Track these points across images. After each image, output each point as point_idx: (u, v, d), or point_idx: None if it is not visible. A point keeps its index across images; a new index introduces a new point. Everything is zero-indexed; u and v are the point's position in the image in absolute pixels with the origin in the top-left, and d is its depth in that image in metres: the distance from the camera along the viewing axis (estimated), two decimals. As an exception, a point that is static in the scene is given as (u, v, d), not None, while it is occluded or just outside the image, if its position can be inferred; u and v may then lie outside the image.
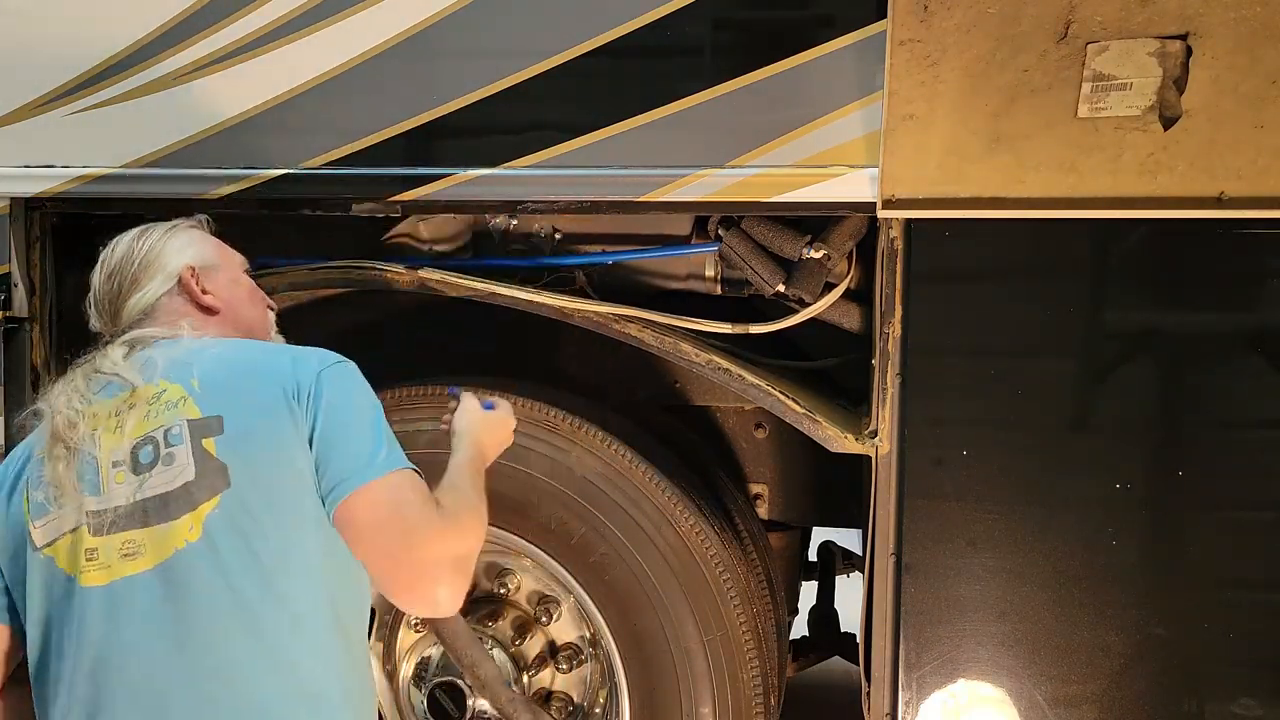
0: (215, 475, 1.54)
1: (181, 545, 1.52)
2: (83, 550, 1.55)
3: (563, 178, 2.02)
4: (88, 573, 1.55)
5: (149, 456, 1.56)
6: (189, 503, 1.53)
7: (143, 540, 1.54)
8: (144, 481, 1.55)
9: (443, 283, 2.20)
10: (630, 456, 2.22)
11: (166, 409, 1.58)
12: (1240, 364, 1.87)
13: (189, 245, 1.82)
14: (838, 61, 1.90)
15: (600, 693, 2.42)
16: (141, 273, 1.76)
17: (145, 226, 1.83)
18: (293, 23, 2.07)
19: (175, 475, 1.54)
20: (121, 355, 1.66)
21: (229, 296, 1.81)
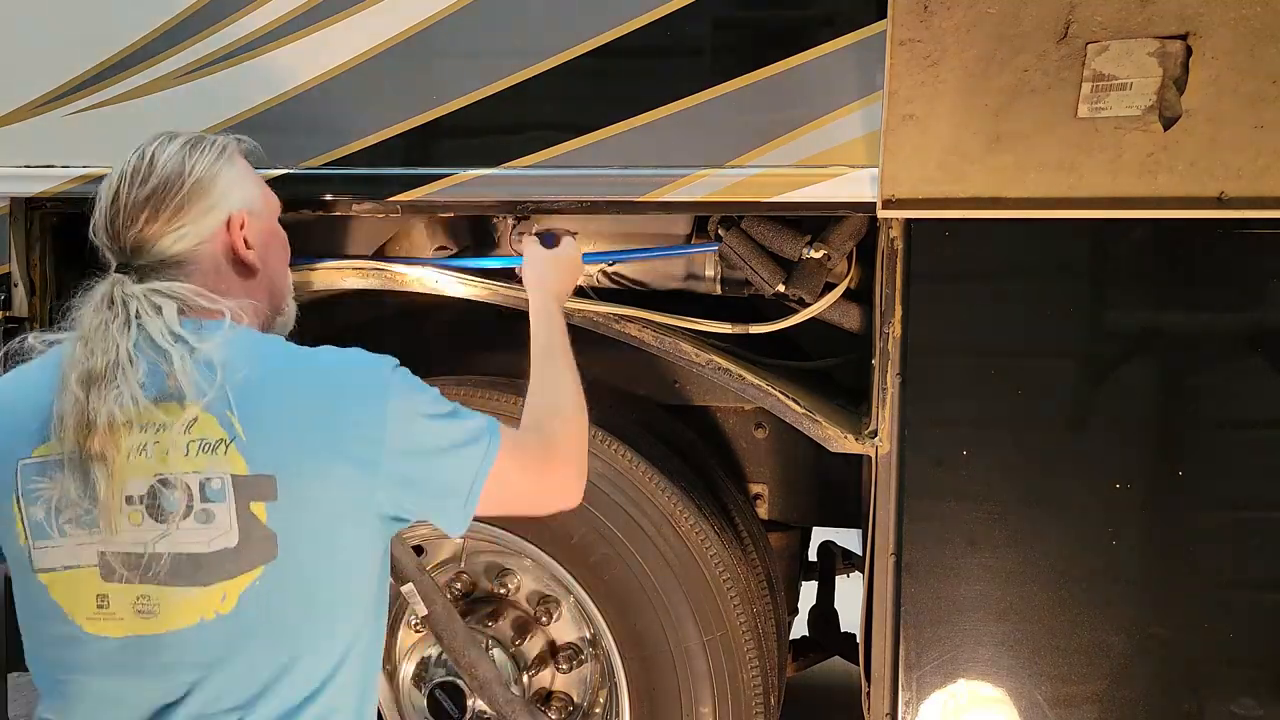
0: (263, 545, 1.36)
1: (210, 616, 1.36)
2: (91, 593, 1.38)
3: (563, 178, 2.02)
4: (96, 620, 1.39)
5: (175, 504, 1.35)
6: (226, 571, 1.35)
7: (160, 599, 1.36)
8: (168, 533, 1.35)
9: (443, 283, 2.20)
10: (630, 456, 2.22)
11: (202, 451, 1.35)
12: (1240, 364, 1.87)
13: (240, 182, 1.56)
14: (838, 61, 1.90)
15: (600, 693, 2.42)
16: (190, 200, 1.48)
17: (191, 137, 1.55)
18: (293, 23, 2.07)
19: (213, 537, 1.35)
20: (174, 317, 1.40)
21: (266, 252, 1.58)
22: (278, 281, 1.64)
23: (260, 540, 1.36)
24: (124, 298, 1.43)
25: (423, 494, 1.46)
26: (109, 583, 1.38)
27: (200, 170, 1.51)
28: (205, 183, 1.51)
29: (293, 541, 1.37)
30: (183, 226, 1.48)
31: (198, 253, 1.50)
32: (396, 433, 1.41)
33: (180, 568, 1.36)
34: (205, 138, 1.57)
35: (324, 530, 1.40)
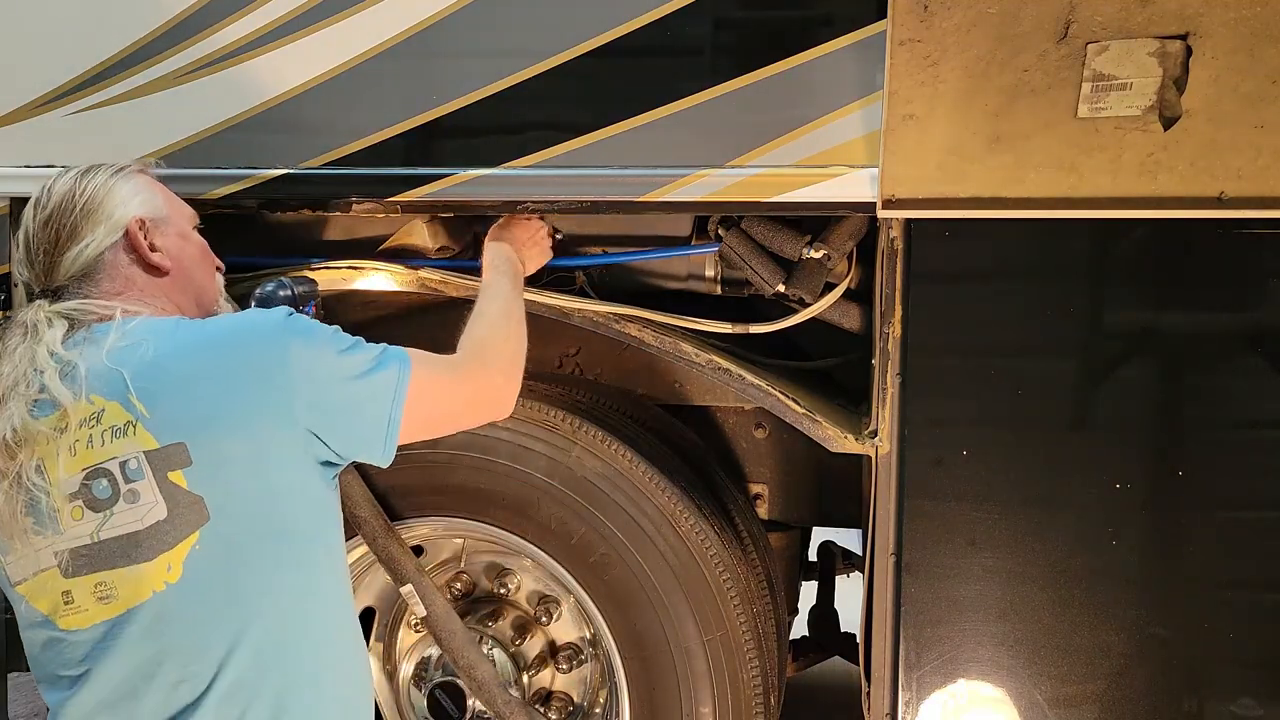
0: (191, 510, 1.43)
1: (161, 588, 1.43)
2: (57, 591, 1.46)
3: (563, 178, 2.02)
4: (67, 616, 1.47)
5: (106, 491, 1.43)
6: (164, 543, 1.43)
7: (115, 582, 1.44)
8: (107, 519, 1.43)
9: (443, 282, 2.20)
10: (630, 456, 2.22)
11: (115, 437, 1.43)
12: (1240, 364, 1.87)
13: (137, 193, 1.65)
14: (838, 61, 1.90)
15: (600, 693, 2.42)
16: (83, 221, 1.57)
17: (88, 166, 1.65)
18: (293, 23, 2.07)
19: (143, 513, 1.43)
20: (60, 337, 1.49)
21: (179, 255, 1.66)
22: (199, 282, 1.71)
23: (188, 506, 1.43)
24: (34, 321, 1.52)
25: (343, 430, 1.53)
26: (68, 578, 1.45)
27: (92, 189, 1.60)
28: (97, 199, 1.60)
29: (220, 501, 1.44)
30: (84, 240, 1.57)
31: (103, 261, 1.58)
32: (302, 375, 1.48)
33: (124, 548, 1.44)
34: (102, 164, 1.66)
35: (250, 485, 1.46)
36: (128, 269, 1.60)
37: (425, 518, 2.30)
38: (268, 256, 2.29)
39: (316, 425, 1.50)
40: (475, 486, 2.23)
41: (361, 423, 1.54)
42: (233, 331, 1.52)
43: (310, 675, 1.52)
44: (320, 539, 1.57)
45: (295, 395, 1.47)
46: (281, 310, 1.55)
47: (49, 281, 1.58)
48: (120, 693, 1.47)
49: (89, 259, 1.57)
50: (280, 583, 1.50)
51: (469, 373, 1.69)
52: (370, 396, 1.53)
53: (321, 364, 1.51)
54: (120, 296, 1.57)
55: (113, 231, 1.59)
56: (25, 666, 2.37)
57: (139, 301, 1.58)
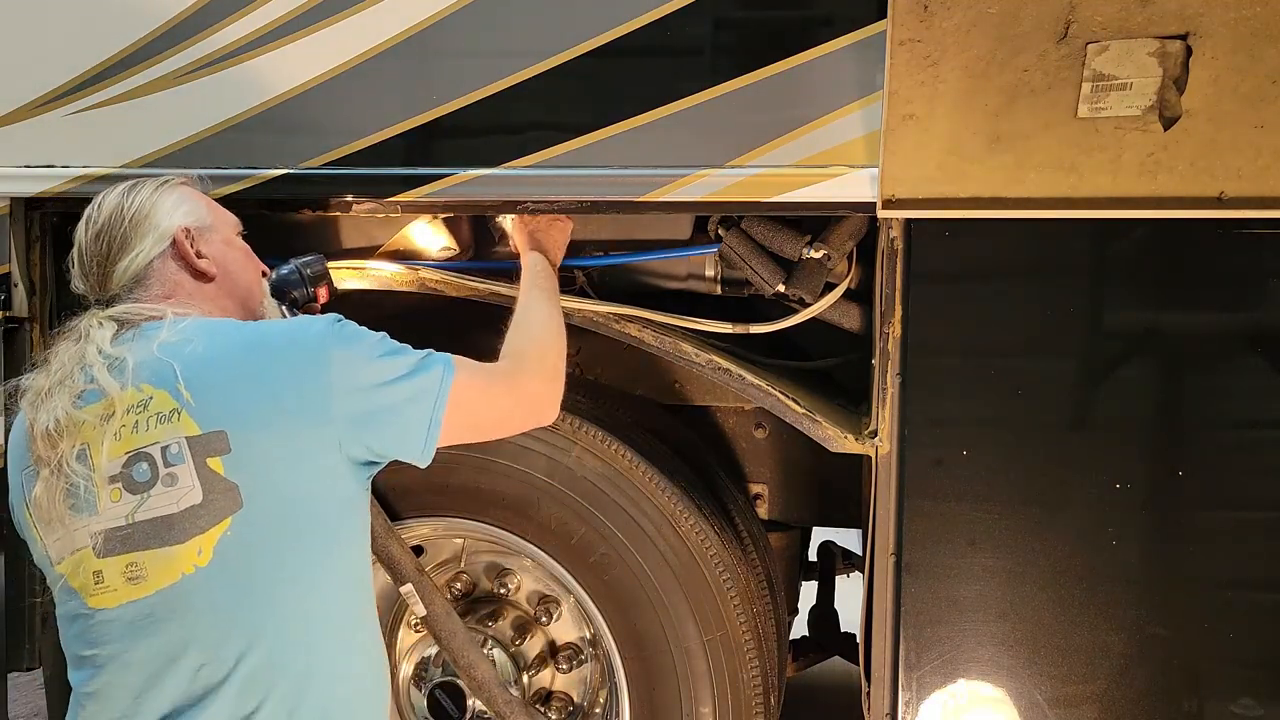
0: (226, 497, 1.49)
1: (190, 570, 1.49)
2: (90, 571, 1.52)
3: (563, 178, 2.02)
4: (97, 595, 1.52)
5: (145, 474, 1.50)
6: (197, 526, 1.48)
7: (145, 563, 1.49)
8: (143, 501, 1.49)
9: (443, 283, 2.20)
10: (630, 456, 2.22)
11: (158, 422, 1.50)
12: (1240, 364, 1.87)
13: (182, 203, 1.73)
14: (838, 61, 1.90)
15: (600, 693, 2.42)
16: (132, 232, 1.67)
17: (133, 181, 1.74)
18: (293, 23, 2.07)
19: (180, 497, 1.48)
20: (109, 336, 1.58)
21: (224, 260, 1.74)
22: (244, 286, 1.78)
23: (223, 493, 1.49)
24: (86, 327, 1.60)
25: (382, 431, 1.58)
26: (101, 559, 1.51)
27: (139, 203, 1.69)
28: (144, 212, 1.69)
29: (254, 490, 1.49)
30: (133, 250, 1.66)
31: (152, 268, 1.67)
32: (343, 377, 1.54)
33: (158, 530, 1.49)
34: (150, 178, 1.75)
35: (284, 477, 1.52)
36: (176, 275, 1.68)
37: (425, 518, 2.30)
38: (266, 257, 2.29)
39: (354, 426, 1.55)
40: (475, 486, 2.23)
41: (401, 424, 1.59)
42: (280, 334, 1.59)
43: (330, 666, 1.56)
44: (348, 535, 1.62)
45: (333, 397, 1.53)
46: (330, 317, 1.62)
47: (103, 291, 1.67)
48: (143, 674, 1.51)
49: (139, 267, 1.66)
50: (307, 574, 1.54)
51: (512, 380, 1.74)
52: (411, 399, 1.59)
53: (362, 368, 1.57)
54: (169, 300, 1.65)
55: (160, 241, 1.68)
56: (25, 666, 2.38)
57: (187, 304, 1.66)
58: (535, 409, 1.77)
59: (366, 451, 1.59)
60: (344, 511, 1.60)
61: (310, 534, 1.54)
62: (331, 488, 1.57)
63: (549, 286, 1.98)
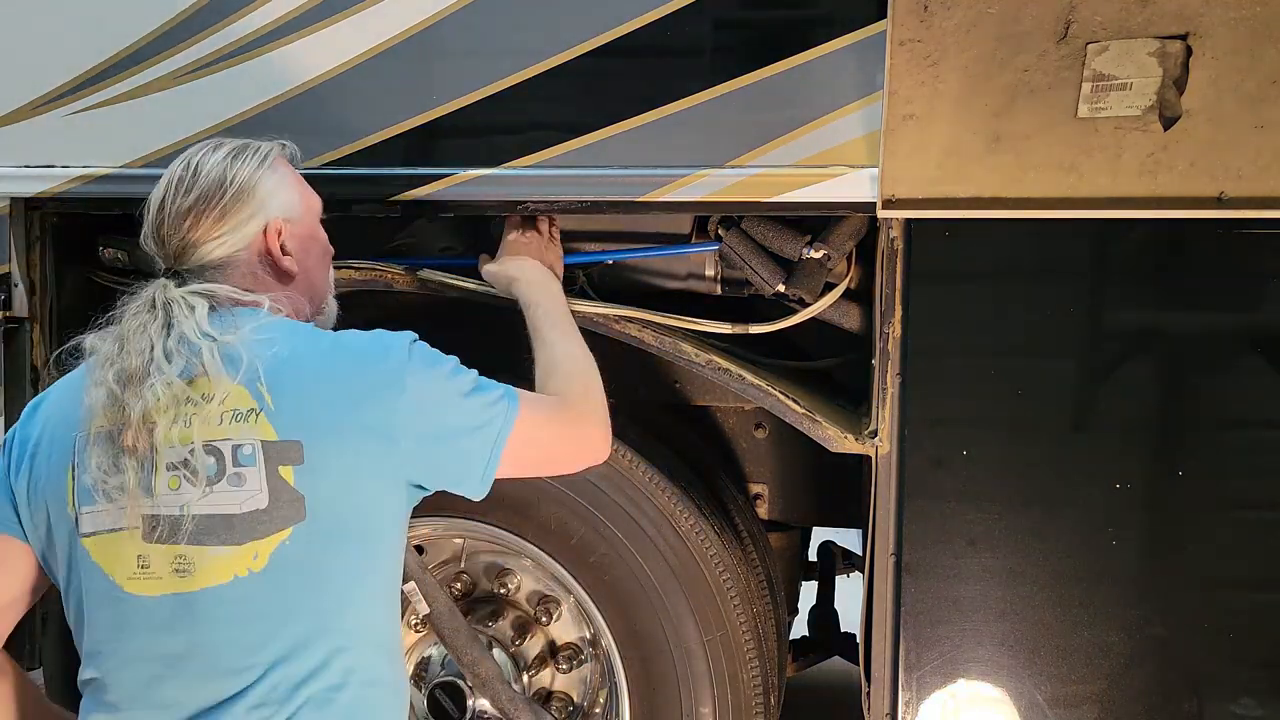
0: (291, 506, 1.46)
1: (243, 573, 1.46)
2: (132, 554, 1.48)
3: (563, 178, 2.02)
4: (137, 580, 1.48)
5: (213, 470, 1.46)
6: (257, 531, 1.45)
7: (196, 558, 1.46)
8: (205, 495, 1.45)
9: (442, 283, 2.20)
10: (630, 456, 2.22)
11: (235, 420, 1.46)
12: (1240, 364, 1.87)
13: (280, 189, 1.66)
14: (838, 61, 1.90)
15: (600, 693, 2.42)
16: (233, 207, 1.58)
17: (232, 147, 1.64)
18: (293, 23, 2.07)
19: (245, 499, 1.45)
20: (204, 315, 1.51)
21: (305, 257, 1.68)
22: (317, 283, 1.74)
23: (290, 502, 1.46)
24: (165, 301, 1.54)
25: (442, 463, 1.57)
26: (149, 543, 1.47)
27: (241, 179, 1.60)
28: (245, 191, 1.60)
29: (319, 503, 1.47)
30: (223, 234, 1.59)
31: (236, 258, 1.60)
32: (413, 405, 1.52)
33: (215, 528, 1.46)
34: (249, 145, 1.66)
35: (349, 494, 1.50)
36: (256, 267, 1.62)
37: (425, 517, 2.29)
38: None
39: (417, 454, 1.54)
40: (475, 486, 2.23)
41: (460, 459, 1.58)
42: (360, 349, 1.56)
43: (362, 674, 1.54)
44: (388, 550, 1.61)
45: (402, 421, 1.52)
46: (407, 336, 1.59)
47: (178, 263, 1.59)
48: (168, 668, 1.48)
49: (226, 252, 1.59)
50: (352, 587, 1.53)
51: (572, 421, 1.71)
52: (474, 431, 1.57)
53: (434, 397, 1.55)
54: (249, 291, 1.60)
55: (254, 229, 1.61)
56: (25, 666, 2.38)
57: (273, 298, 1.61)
58: (592, 451, 1.75)
59: (424, 478, 1.58)
60: (391, 529, 1.59)
61: (360, 549, 1.53)
62: (385, 506, 1.56)
63: (561, 311, 1.93)
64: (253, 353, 1.48)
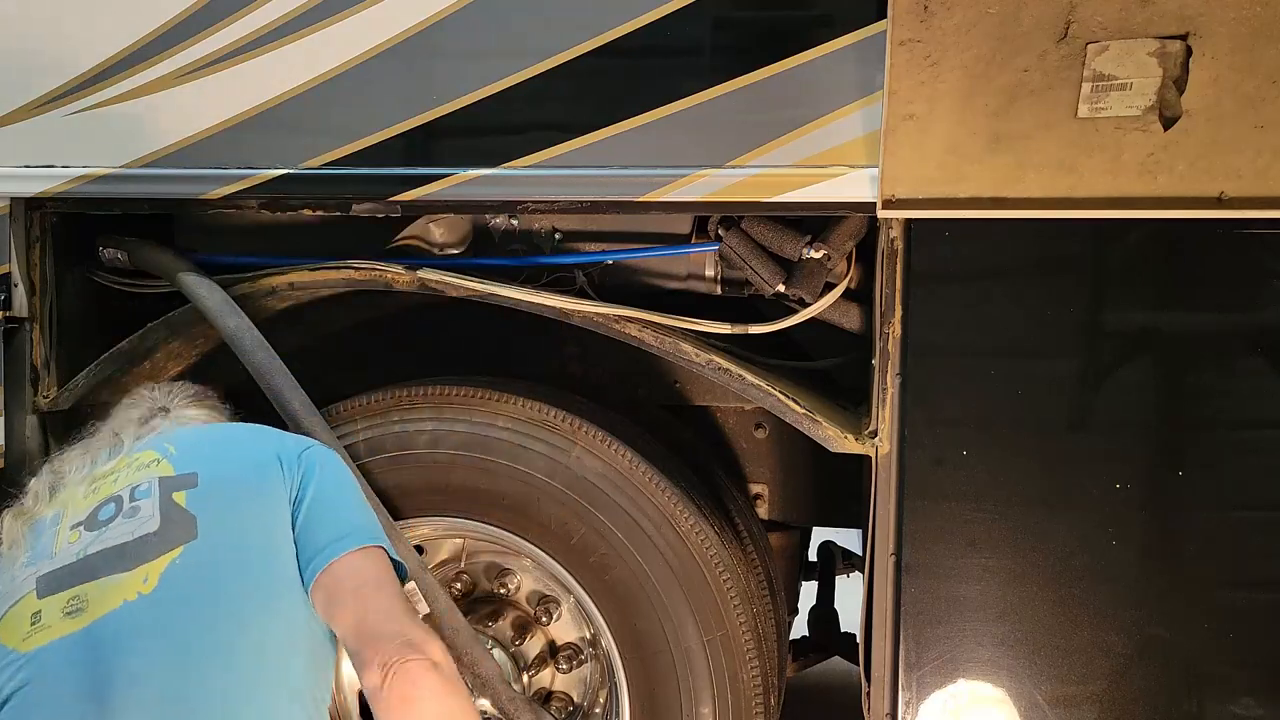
0: (181, 526, 1.47)
1: (133, 597, 1.44)
2: (26, 616, 1.46)
3: (563, 178, 2.02)
4: (30, 638, 1.45)
5: (109, 513, 1.51)
6: (147, 554, 1.45)
7: (88, 594, 1.45)
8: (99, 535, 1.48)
9: (442, 283, 2.20)
10: (630, 456, 2.22)
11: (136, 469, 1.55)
12: (1240, 364, 1.87)
13: None
14: (838, 61, 1.90)
15: (600, 693, 2.42)
16: None
17: None
18: (292, 23, 2.07)
19: (136, 527, 1.47)
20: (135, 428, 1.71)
21: None
22: None
23: (179, 522, 1.48)
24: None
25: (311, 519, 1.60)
26: (42, 599, 1.47)
27: None
28: None
29: (212, 523, 1.49)
30: None
31: None
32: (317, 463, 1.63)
33: (109, 560, 1.47)
34: None
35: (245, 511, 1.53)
36: None
37: (425, 518, 2.29)
38: (267, 257, 2.29)
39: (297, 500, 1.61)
40: (475, 486, 2.23)
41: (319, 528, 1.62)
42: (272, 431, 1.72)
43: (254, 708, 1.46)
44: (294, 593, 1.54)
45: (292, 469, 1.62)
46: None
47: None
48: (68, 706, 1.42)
49: None
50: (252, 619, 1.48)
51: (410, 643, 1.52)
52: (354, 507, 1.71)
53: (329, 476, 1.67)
54: None
55: None
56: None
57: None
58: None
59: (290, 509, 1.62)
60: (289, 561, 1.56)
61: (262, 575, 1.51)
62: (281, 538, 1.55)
63: None
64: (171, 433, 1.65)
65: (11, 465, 2.27)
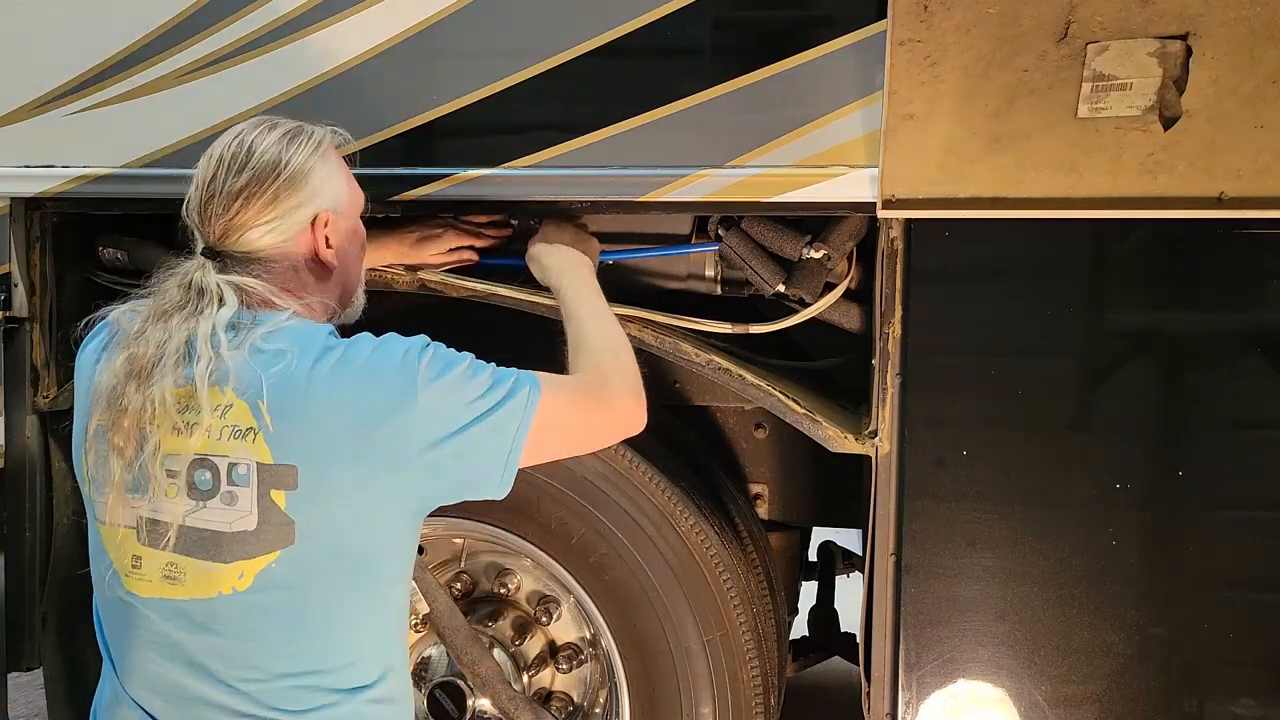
0: (280, 530, 1.43)
1: (227, 591, 1.45)
2: (130, 554, 1.48)
3: (563, 178, 2.02)
4: (131, 579, 1.49)
5: (206, 483, 1.44)
6: (244, 552, 1.44)
7: (185, 569, 1.46)
8: (198, 508, 1.45)
9: (442, 283, 2.20)
10: (630, 456, 2.22)
11: (234, 436, 1.43)
12: (1240, 364, 1.87)
13: (331, 179, 1.60)
14: (838, 61, 1.90)
15: (600, 693, 2.42)
16: (285, 192, 1.52)
17: (290, 128, 1.58)
18: (292, 23, 2.07)
19: (234, 518, 1.43)
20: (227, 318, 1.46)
21: (344, 251, 1.63)
22: (352, 278, 1.69)
23: (278, 526, 1.43)
24: (200, 286, 1.49)
25: (458, 473, 1.51)
26: (142, 546, 1.47)
27: (295, 165, 1.54)
28: (298, 178, 1.54)
29: (311, 530, 1.44)
30: (272, 220, 1.53)
31: (281, 249, 1.55)
32: (426, 419, 1.46)
33: (204, 542, 1.45)
34: (304, 129, 1.60)
35: (346, 522, 1.46)
36: (298, 262, 1.57)
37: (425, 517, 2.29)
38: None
39: (428, 470, 1.48)
40: (475, 486, 2.23)
41: (477, 464, 1.51)
42: (369, 365, 1.48)
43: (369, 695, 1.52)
44: (394, 582, 1.57)
45: (414, 441, 1.45)
46: (419, 342, 1.52)
47: (219, 244, 1.53)
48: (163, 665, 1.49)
49: (271, 242, 1.53)
50: (341, 616, 1.50)
51: (602, 393, 1.64)
52: (490, 435, 1.49)
53: (448, 406, 1.47)
54: (286, 292, 1.55)
55: (303, 219, 1.56)
56: (25, 666, 2.38)
57: (297, 298, 1.55)
58: (625, 421, 1.68)
59: (437, 492, 1.53)
60: (395, 556, 1.55)
61: (359, 574, 1.50)
62: (387, 531, 1.51)
63: (592, 284, 1.90)
64: (259, 369, 1.43)
65: (11, 465, 2.27)
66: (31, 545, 2.34)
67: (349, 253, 1.65)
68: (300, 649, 1.48)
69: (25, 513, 2.33)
